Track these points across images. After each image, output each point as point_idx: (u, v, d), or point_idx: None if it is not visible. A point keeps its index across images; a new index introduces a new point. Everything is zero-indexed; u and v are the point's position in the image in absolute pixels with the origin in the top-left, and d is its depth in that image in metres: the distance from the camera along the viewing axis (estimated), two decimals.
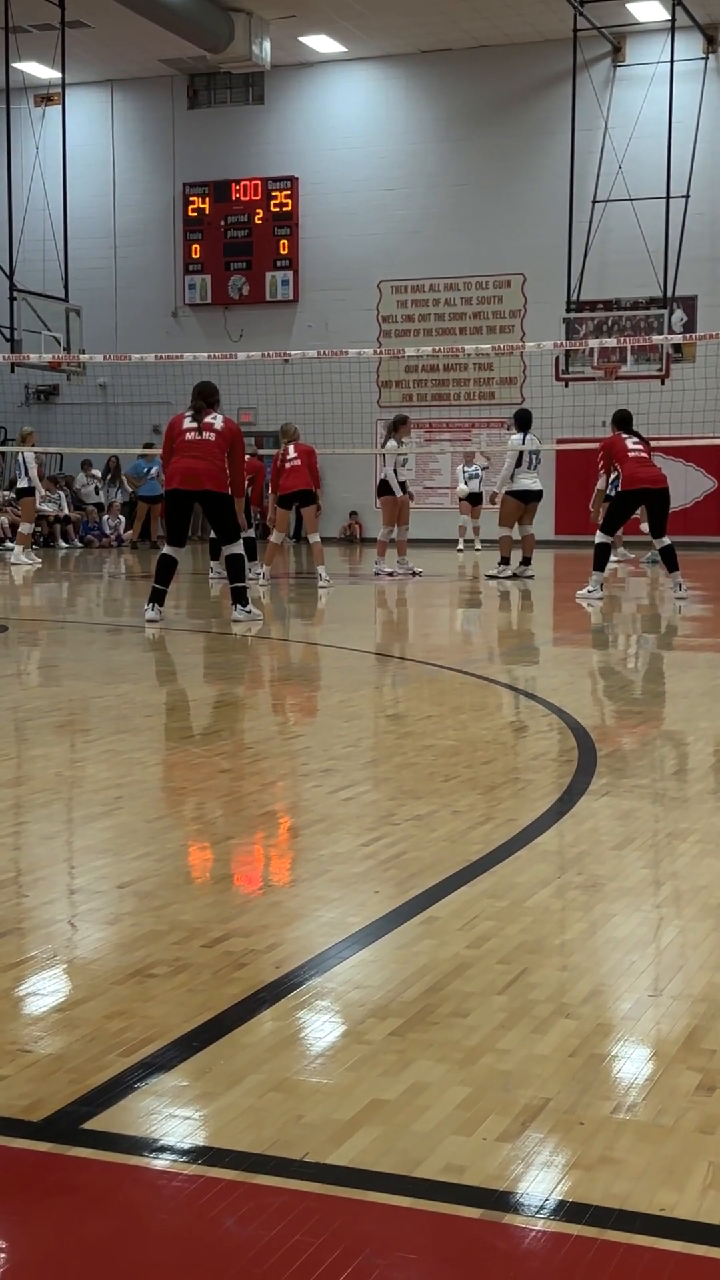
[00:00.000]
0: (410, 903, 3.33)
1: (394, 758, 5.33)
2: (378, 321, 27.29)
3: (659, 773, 5.15)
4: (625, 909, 3.31)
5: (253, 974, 2.82)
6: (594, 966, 2.92)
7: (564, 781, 4.80)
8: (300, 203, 27.64)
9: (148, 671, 8.28)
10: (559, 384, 24.38)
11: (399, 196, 26.92)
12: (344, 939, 3.06)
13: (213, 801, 4.58)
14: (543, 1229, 1.86)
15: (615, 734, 5.93)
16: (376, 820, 4.19)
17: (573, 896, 3.42)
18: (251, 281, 27.99)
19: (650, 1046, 2.49)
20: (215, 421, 10.33)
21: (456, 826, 4.10)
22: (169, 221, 28.61)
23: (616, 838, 4.00)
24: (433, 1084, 2.30)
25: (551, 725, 6.01)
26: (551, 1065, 2.39)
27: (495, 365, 26.43)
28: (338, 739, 5.68)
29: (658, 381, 23.32)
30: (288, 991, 2.73)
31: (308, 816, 4.34)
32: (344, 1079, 2.33)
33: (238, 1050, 2.44)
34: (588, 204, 24.58)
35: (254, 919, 3.21)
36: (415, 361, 26.45)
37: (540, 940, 3.06)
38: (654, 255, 24.18)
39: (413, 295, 27.11)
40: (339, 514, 27.27)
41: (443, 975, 2.83)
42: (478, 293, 26.69)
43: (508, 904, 3.32)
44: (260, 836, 4.13)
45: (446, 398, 26.94)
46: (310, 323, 27.45)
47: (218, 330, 28.06)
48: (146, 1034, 2.50)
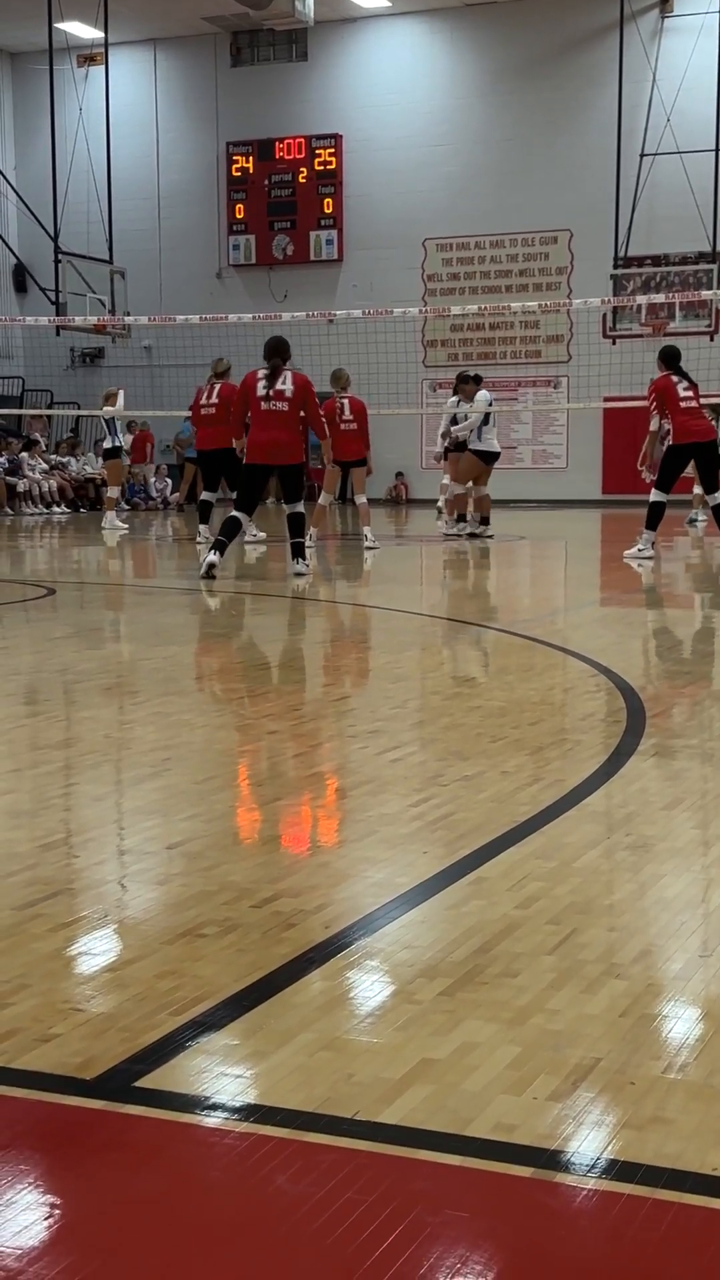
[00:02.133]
0: (459, 863, 3.33)
1: (441, 719, 5.32)
2: (423, 280, 27.10)
3: (709, 733, 5.11)
4: (675, 869, 3.30)
5: (302, 934, 2.83)
6: (644, 927, 2.91)
7: (612, 742, 4.78)
8: (344, 160, 27.44)
9: (195, 634, 8.30)
10: (606, 341, 24.17)
11: (444, 153, 26.68)
12: (392, 899, 3.07)
13: (261, 763, 4.59)
14: (594, 1188, 1.86)
15: (664, 694, 5.89)
16: (424, 781, 4.19)
17: (622, 857, 3.41)
18: (296, 241, 27.85)
19: (701, 1007, 2.49)
20: (286, 387, 10.54)
21: (504, 787, 4.09)
22: (213, 182, 28.49)
23: (666, 798, 3.98)
24: (482, 1043, 2.31)
25: (599, 686, 5.98)
26: (602, 1025, 2.38)
27: (541, 323, 26.18)
28: (385, 700, 5.68)
29: (707, 337, 23.06)
30: (337, 951, 2.74)
31: (355, 778, 4.34)
32: (394, 1038, 2.33)
33: (288, 1009, 2.45)
34: (635, 158, 24.27)
35: (303, 879, 3.21)
36: (461, 320, 26.25)
37: (589, 901, 3.06)
38: (703, 209, 23.87)
39: (458, 253, 26.89)
40: (385, 475, 27.17)
41: (492, 936, 2.83)
42: (523, 249, 26.44)
43: (556, 865, 3.31)
44: (308, 797, 4.14)
45: (492, 356, 26.74)
46: (355, 282, 27.29)
47: (262, 291, 27.96)
48: (197, 993, 2.52)
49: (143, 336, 27.49)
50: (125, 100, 27.32)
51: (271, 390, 10.53)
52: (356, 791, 4.17)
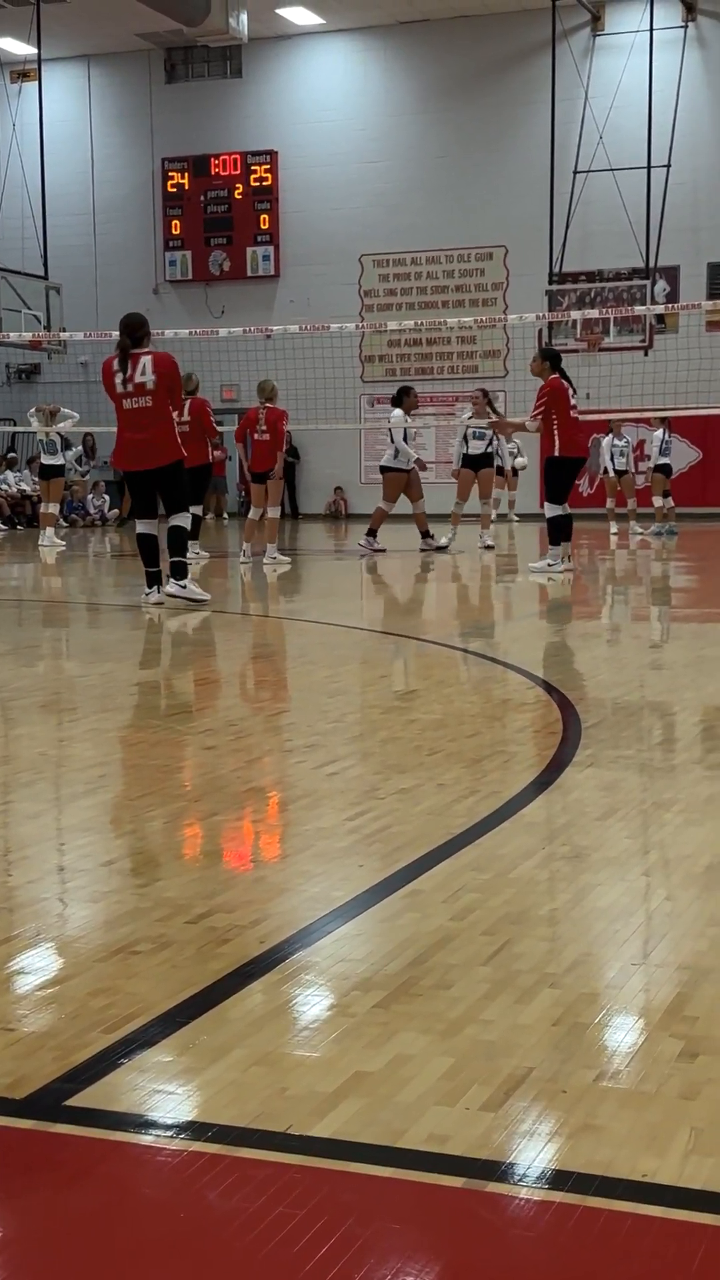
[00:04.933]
0: (394, 876, 3.34)
1: (379, 732, 5.33)
2: (360, 295, 27.19)
3: (643, 743, 5.16)
4: (609, 879, 3.32)
5: (237, 949, 2.83)
6: (578, 936, 2.92)
7: (549, 753, 4.81)
8: (280, 176, 27.49)
9: (132, 650, 8.27)
10: None
11: (379, 169, 26.79)
12: (328, 913, 3.07)
13: (197, 779, 4.58)
14: (526, 1197, 1.87)
15: (600, 705, 5.93)
16: (361, 795, 4.20)
17: (557, 867, 3.43)
18: (232, 257, 27.86)
19: (634, 1014, 2.50)
20: (146, 377, 9.34)
21: (441, 800, 4.11)
22: (148, 197, 28.45)
23: (601, 808, 4.00)
24: (416, 1055, 2.31)
25: (537, 698, 6.01)
26: (535, 1035, 2.39)
27: (478, 338, 26.35)
28: (322, 715, 5.68)
29: (641, 352, 23.28)
30: (272, 966, 2.73)
31: (292, 792, 4.34)
32: (328, 1052, 2.33)
33: (221, 1025, 2.45)
34: (569, 174, 24.48)
35: (238, 894, 3.21)
36: (398, 335, 26.36)
37: (524, 911, 3.07)
38: (636, 226, 24.10)
39: (394, 269, 27.01)
40: (323, 490, 27.23)
41: (427, 947, 2.83)
42: (460, 265, 26.60)
43: (491, 876, 3.32)
44: (244, 813, 4.13)
45: (430, 371, 26.86)
46: (292, 297, 27.34)
47: (199, 306, 27.95)
48: (130, 1010, 2.50)
49: (79, 352, 27.33)
50: (59, 116, 27.23)
51: (132, 380, 9.34)
52: (293, 806, 4.16)
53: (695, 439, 24.75)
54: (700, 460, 24.87)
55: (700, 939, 2.88)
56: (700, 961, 2.75)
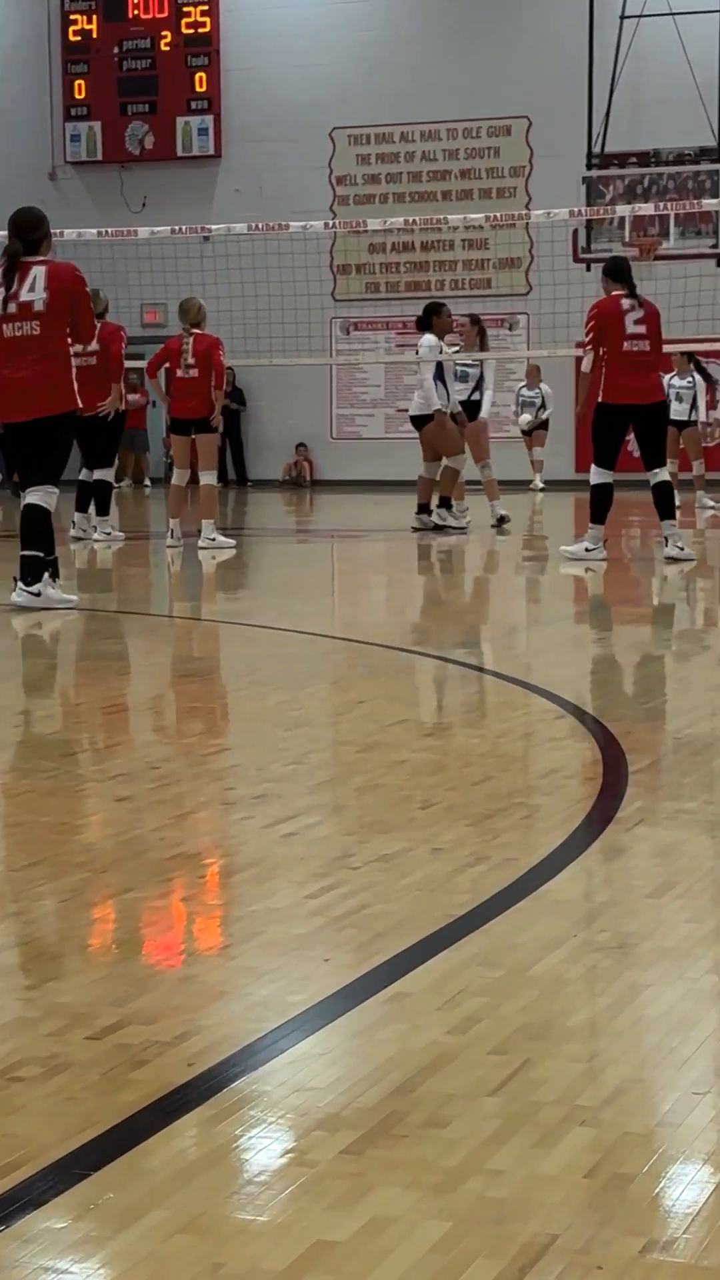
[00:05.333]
0: (373, 974, 3.34)
1: (353, 778, 5.34)
2: (331, 184, 27.26)
3: (712, 793, 5.17)
4: (664, 977, 3.33)
5: (157, 1075, 2.82)
6: (620, 1056, 2.93)
7: (583, 807, 4.83)
8: (222, 23, 27.57)
9: (12, 667, 8.25)
10: (578, 267, 24.40)
11: (358, 14, 26.88)
12: (282, 1024, 3.07)
13: (105, 841, 4.57)
14: None
15: (654, 741, 5.95)
16: (328, 863, 4.20)
17: (593, 961, 3.43)
18: (157, 131, 27.92)
19: (693, 1162, 2.51)
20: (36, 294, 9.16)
21: (437, 870, 4.11)
22: (43, 51, 28.47)
23: (654, 882, 4.02)
24: (399, 1218, 2.31)
25: (569, 731, 6.03)
26: (561, 1190, 2.40)
27: (491, 242, 26.40)
28: (277, 754, 5.68)
29: (712, 261, 23.41)
30: (204, 1098, 2.73)
31: (235, 860, 4.35)
32: (279, 1214, 2.33)
33: (135, 1178, 2.44)
34: (614, 20, 24.59)
35: (159, 1000, 3.21)
36: (383, 238, 26.43)
37: (548, 1022, 3.08)
38: (704, 90, 24.25)
39: (378, 148, 27.10)
40: (280, 449, 27.26)
41: (415, 1071, 2.83)
42: (466, 144, 26.70)
43: (504, 974, 3.33)
44: (169, 888, 4.12)
45: (426, 286, 26.91)
46: (238, 186, 27.39)
47: (112, 196, 27.98)
48: (10, 1158, 2.50)
49: None
50: None
51: (15, 303, 9.16)
52: (236, 878, 4.17)
53: None
54: None
55: None
56: None
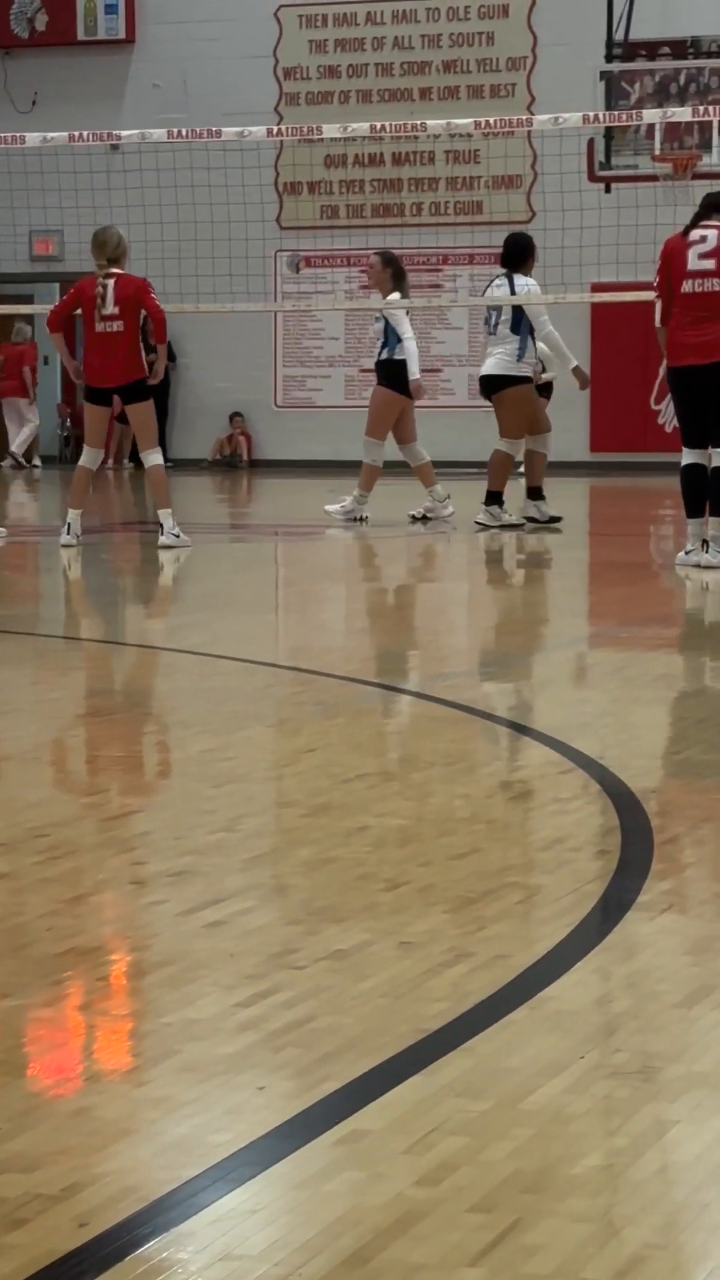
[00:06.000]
0: (321, 1106, 3.33)
1: (299, 850, 5.34)
2: (276, 78, 27.36)
3: None
4: (697, 1112, 3.32)
5: (38, 1238, 2.80)
6: (639, 1215, 2.91)
7: (597, 888, 4.83)
8: None
9: None
10: (595, 188, 24.49)
11: None
12: (202, 1173, 3.04)
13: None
14: None
15: (685, 804, 5.95)
16: (265, 961, 4.19)
17: (606, 1091, 3.42)
18: (52, 8, 27.98)
19: None
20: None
21: (406, 970, 4.10)
22: None
23: (685, 987, 4.02)
24: None
25: (577, 789, 6.05)
26: None
27: (484, 155, 26.45)
28: (201, 819, 5.70)
29: None
30: (101, 1268, 2.71)
31: (145, 956, 4.35)
32: None
33: None
34: None
35: (44, 1140, 3.19)
36: (343, 149, 26.54)
37: (546, 1170, 3.06)
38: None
39: (336, 32, 27.27)
40: (213, 417, 27.30)
41: (374, 1234, 2.81)
42: (450, 27, 26.85)
43: (491, 1106, 3.32)
44: (60, 993, 4.11)
45: (399, 212, 27.07)
46: (157, 80, 27.48)
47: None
48: None
49: None
50: None
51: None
52: (145, 981, 4.17)
53: None
54: None
55: None
56: None
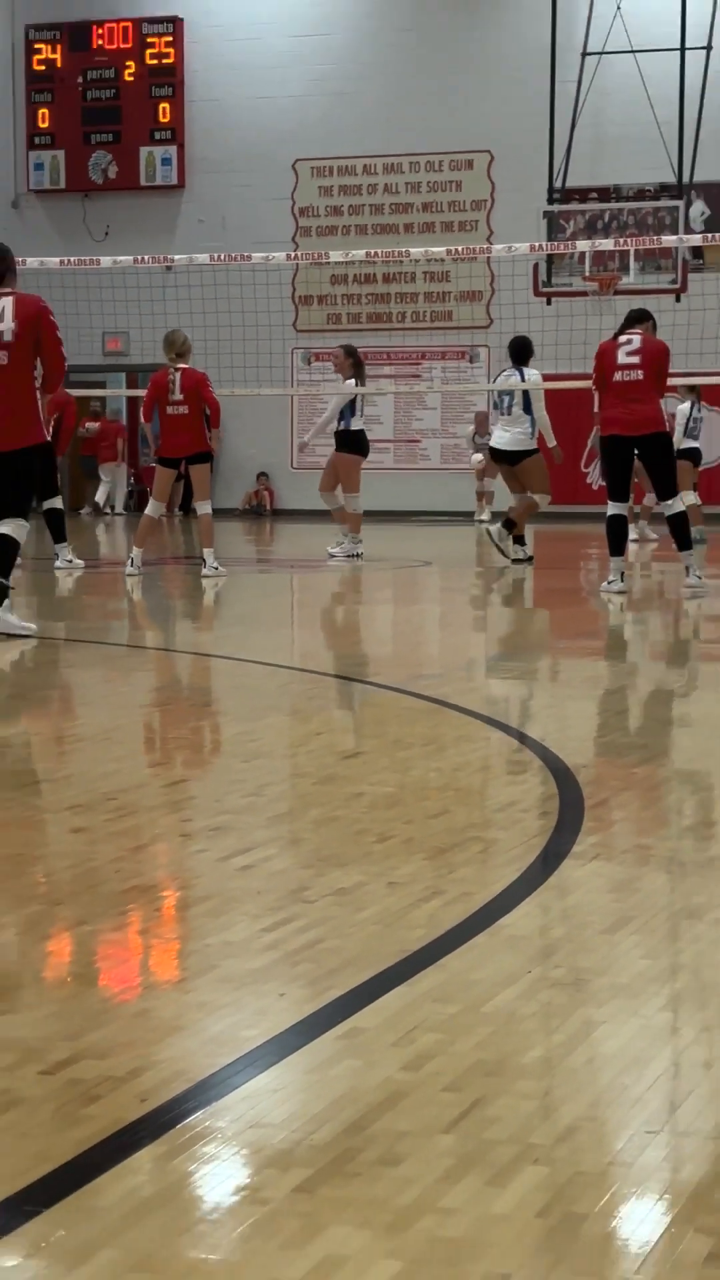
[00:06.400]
0: (327, 1009, 3.33)
1: (310, 810, 5.33)
2: (293, 216, 27.31)
3: (668, 828, 5.18)
4: (620, 1014, 3.32)
5: (109, 1110, 2.81)
6: (574, 1094, 2.92)
7: (540, 842, 4.81)
8: (186, 53, 27.61)
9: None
10: (538, 300, 24.54)
11: (320, 45, 26.95)
12: (235, 1060, 3.05)
13: (61, 873, 4.55)
14: None
15: (611, 776, 5.95)
16: (284, 897, 4.18)
17: (548, 998, 3.43)
18: (121, 160, 27.93)
19: (649, 1201, 2.51)
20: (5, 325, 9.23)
21: (393, 904, 4.10)
22: (6, 78, 28.48)
23: (610, 917, 4.01)
24: (351, 1258, 2.30)
25: (526, 764, 6.04)
26: (513, 1229, 2.39)
27: (453, 275, 26.47)
28: (234, 786, 5.67)
29: (671, 297, 23.52)
30: (157, 1134, 2.72)
31: (190, 893, 4.33)
32: (231, 1253, 2.32)
33: (86, 1216, 2.43)
34: (576, 57, 24.72)
35: (113, 1034, 3.19)
36: (345, 270, 26.49)
37: (502, 1059, 3.07)
38: (665, 127, 24.37)
39: (340, 180, 27.16)
40: (242, 477, 27.25)
41: (369, 1108, 2.82)
42: (428, 177, 26.77)
43: (459, 1010, 3.32)
44: (124, 921, 4.11)
45: (387, 319, 27.00)
46: (201, 216, 27.42)
47: (74, 225, 27.96)
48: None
49: None
50: None
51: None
52: (191, 912, 4.16)
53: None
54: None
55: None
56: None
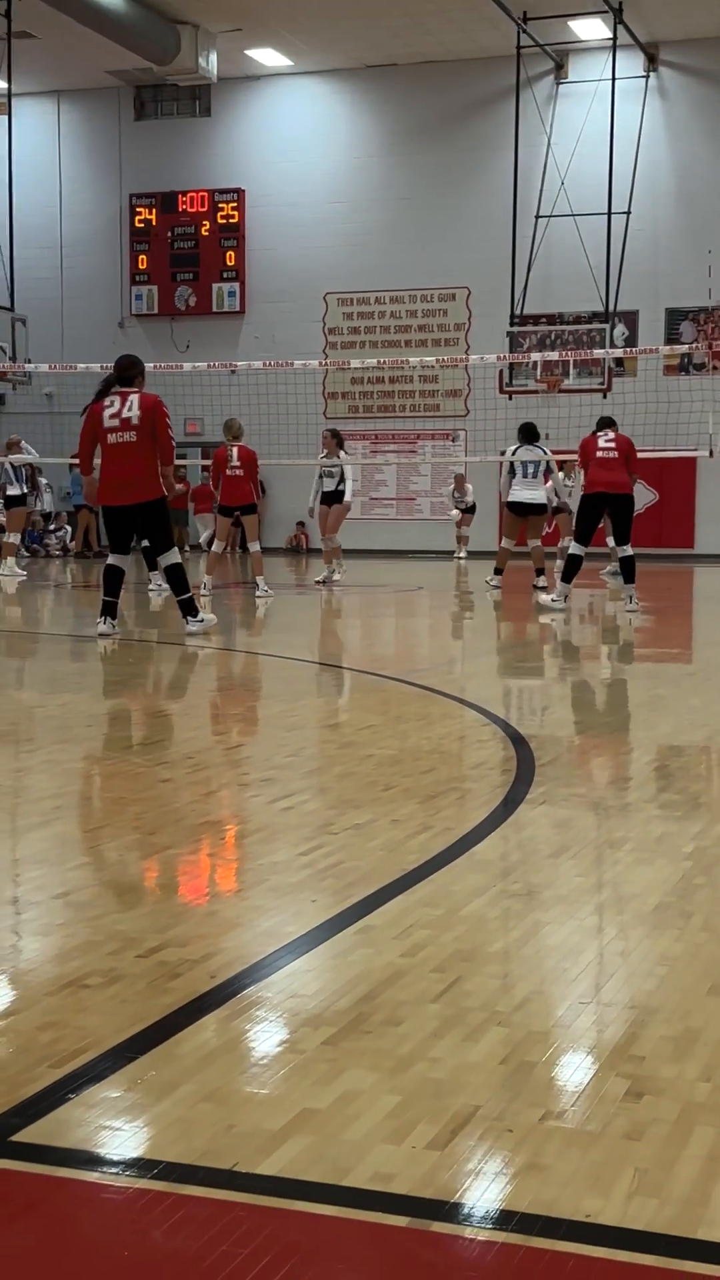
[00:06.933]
0: (346, 911, 3.32)
1: (334, 767, 5.32)
2: (324, 333, 27.29)
3: (596, 782, 5.17)
4: (560, 917, 3.32)
5: (187, 984, 2.81)
6: (527, 974, 2.92)
7: (502, 791, 4.80)
8: (247, 215, 27.61)
9: (90, 682, 8.23)
10: (502, 396, 24.53)
11: (345, 209, 26.94)
12: (280, 948, 3.05)
13: (152, 811, 4.55)
14: (469, 1236, 1.86)
15: (554, 744, 5.94)
16: (315, 830, 4.18)
17: (508, 905, 3.42)
18: (198, 292, 27.93)
19: (581, 1053, 2.50)
20: (132, 412, 9.52)
21: (394, 836, 4.09)
22: (115, 232, 28.49)
23: (553, 846, 4.01)
24: (364, 1092, 2.30)
25: (492, 735, 6.02)
26: (482, 1073, 2.39)
27: (440, 378, 26.50)
28: (278, 748, 5.67)
29: (599, 395, 23.49)
30: (222, 1001, 2.72)
31: (247, 826, 4.33)
32: (276, 1088, 2.32)
33: (171, 1061, 2.43)
34: (531, 219, 24.71)
35: (190, 929, 3.19)
36: (360, 373, 26.47)
37: (474, 949, 3.06)
38: (596, 270, 24.34)
39: (358, 307, 27.14)
40: (285, 524, 27.24)
41: (377, 984, 2.82)
42: (423, 305, 26.75)
43: (443, 912, 3.31)
44: (198, 846, 4.10)
45: (392, 409, 26.97)
46: (257, 334, 27.41)
47: (164, 341, 27.95)
48: (79, 1045, 2.48)
49: (44, 384, 27.34)
50: (29, 150, 27.27)
51: (120, 416, 9.51)
52: (247, 840, 4.15)
53: (651, 481, 24.89)
54: (656, 502, 25.03)
55: (649, 978, 2.89)
56: (648, 1001, 2.75)
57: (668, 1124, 2.20)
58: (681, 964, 2.98)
